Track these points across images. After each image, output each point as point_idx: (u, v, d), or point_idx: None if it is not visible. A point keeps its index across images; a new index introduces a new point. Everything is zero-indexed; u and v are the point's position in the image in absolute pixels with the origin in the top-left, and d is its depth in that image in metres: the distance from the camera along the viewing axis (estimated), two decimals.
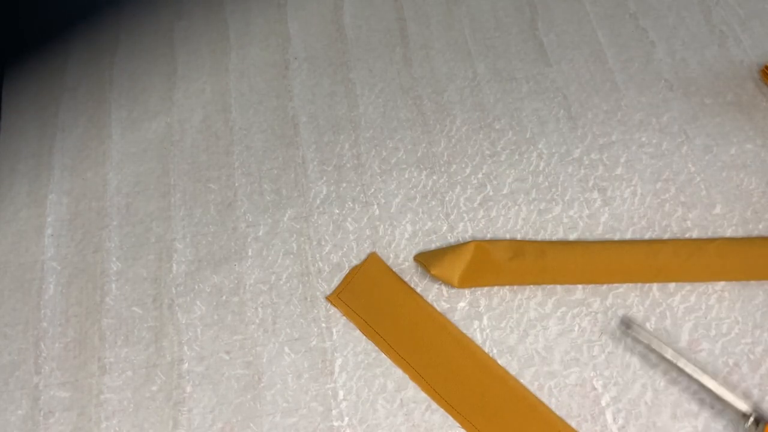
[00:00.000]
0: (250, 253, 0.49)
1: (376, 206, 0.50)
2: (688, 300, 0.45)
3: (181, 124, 0.56)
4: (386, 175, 0.52)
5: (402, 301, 0.46)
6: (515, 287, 0.46)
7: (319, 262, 0.48)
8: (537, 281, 0.46)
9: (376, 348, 0.45)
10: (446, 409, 0.42)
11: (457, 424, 0.41)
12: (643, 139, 0.51)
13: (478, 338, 0.44)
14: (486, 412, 0.41)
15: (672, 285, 0.45)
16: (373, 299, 0.46)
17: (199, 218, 0.51)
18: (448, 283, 0.46)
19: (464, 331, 0.45)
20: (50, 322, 0.47)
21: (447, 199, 0.50)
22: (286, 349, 0.45)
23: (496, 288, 0.46)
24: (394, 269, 0.47)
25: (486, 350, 0.44)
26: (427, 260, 0.46)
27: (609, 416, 0.41)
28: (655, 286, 0.45)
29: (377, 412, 0.43)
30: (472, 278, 0.45)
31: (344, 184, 0.51)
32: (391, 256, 0.48)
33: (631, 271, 0.45)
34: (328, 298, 0.46)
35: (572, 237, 0.48)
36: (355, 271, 0.47)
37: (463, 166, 0.51)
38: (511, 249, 0.46)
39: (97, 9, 0.63)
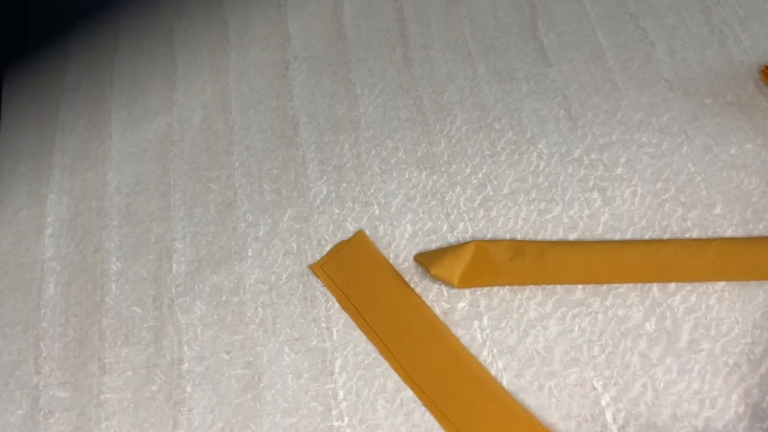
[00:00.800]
0: (250, 253, 0.49)
1: (376, 206, 0.50)
2: (688, 300, 0.45)
3: (181, 124, 0.56)
4: (386, 175, 0.52)
5: (383, 280, 0.46)
6: (515, 287, 0.46)
7: None
8: (537, 281, 0.46)
9: (377, 348, 0.45)
10: (412, 388, 0.43)
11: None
12: (643, 139, 0.51)
13: (478, 338, 0.44)
14: (449, 395, 0.42)
15: (672, 285, 0.45)
16: (355, 274, 0.47)
17: (199, 218, 0.51)
18: (448, 284, 0.46)
19: (464, 331, 0.45)
20: (50, 322, 0.47)
21: (447, 199, 0.50)
22: (286, 349, 0.45)
23: (496, 288, 0.46)
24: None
25: (486, 350, 0.44)
26: (427, 260, 0.46)
27: (609, 416, 0.41)
28: (655, 286, 0.45)
29: (377, 412, 0.43)
30: (472, 278, 0.45)
31: (344, 184, 0.51)
32: (392, 256, 0.48)
33: (631, 270, 0.45)
34: (311, 267, 0.47)
35: (572, 237, 0.48)
36: (341, 245, 0.48)
37: (463, 166, 0.51)
38: (511, 249, 0.46)
39: (97, 9, 0.63)
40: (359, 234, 0.48)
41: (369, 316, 0.45)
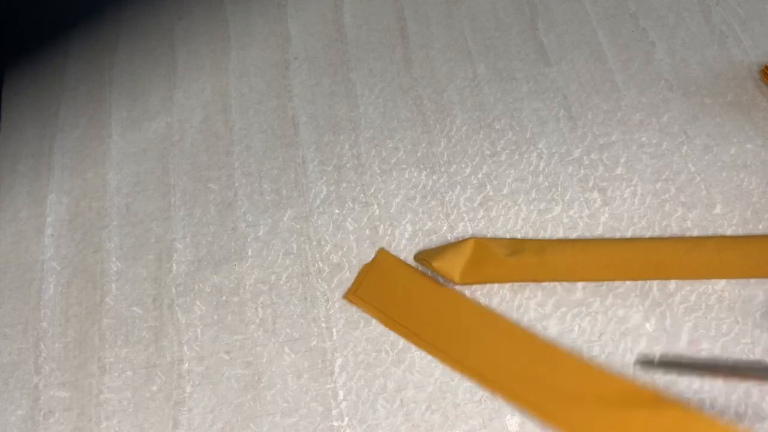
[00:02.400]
0: (250, 253, 0.49)
1: (376, 206, 0.50)
2: (688, 300, 0.45)
3: (181, 124, 0.56)
4: (386, 175, 0.52)
5: (419, 289, 0.46)
6: (515, 287, 0.46)
7: (319, 262, 0.48)
8: (537, 277, 0.46)
9: (376, 348, 0.45)
10: (484, 384, 0.42)
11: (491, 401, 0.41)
12: (643, 139, 0.51)
13: None
14: (514, 373, 0.42)
15: (672, 285, 0.45)
16: (390, 292, 0.46)
17: (199, 218, 0.51)
18: (450, 279, 0.46)
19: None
20: (50, 322, 0.47)
21: (447, 199, 0.50)
22: (286, 349, 0.45)
23: (496, 288, 0.46)
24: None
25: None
26: (428, 255, 0.46)
27: None
28: (655, 286, 0.45)
29: (377, 412, 0.43)
30: (473, 274, 0.45)
31: (344, 184, 0.51)
32: None
33: (630, 266, 0.45)
34: (345, 297, 0.46)
35: (572, 237, 0.48)
36: (367, 269, 0.47)
37: (463, 166, 0.51)
38: (511, 245, 0.46)
39: (97, 9, 0.63)
40: (381, 253, 0.48)
41: (417, 328, 0.44)
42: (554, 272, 0.46)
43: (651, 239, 0.47)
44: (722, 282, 0.45)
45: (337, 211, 0.50)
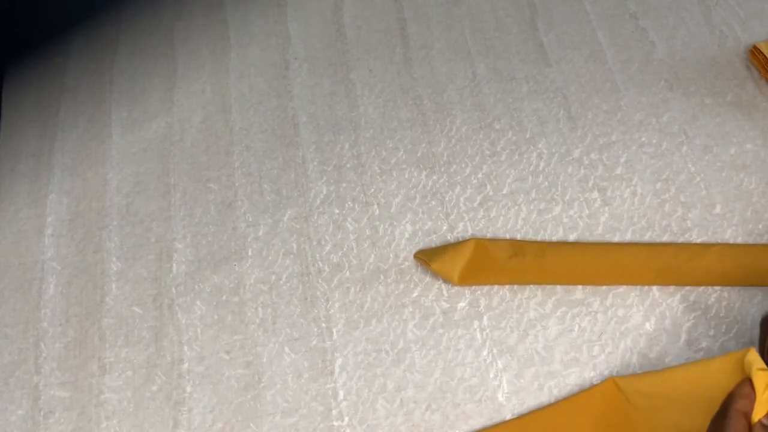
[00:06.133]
0: (250, 253, 0.49)
1: (376, 206, 0.50)
2: (687, 300, 0.45)
3: (181, 124, 0.56)
4: (386, 175, 0.52)
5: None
6: (515, 287, 0.46)
7: (319, 262, 0.48)
8: (536, 281, 0.46)
9: (376, 348, 0.45)
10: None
11: None
12: (643, 139, 0.51)
13: (478, 338, 0.44)
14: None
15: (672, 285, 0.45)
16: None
17: (199, 218, 0.51)
18: (448, 280, 0.46)
19: (464, 331, 0.45)
20: (50, 322, 0.47)
21: (447, 199, 0.50)
22: (286, 349, 0.45)
23: (496, 288, 0.46)
24: (393, 269, 0.47)
25: (486, 350, 0.44)
26: (427, 256, 0.46)
27: None
28: (655, 285, 0.45)
29: (377, 412, 0.43)
30: (472, 276, 0.45)
31: (344, 184, 0.51)
32: (391, 256, 0.48)
33: (630, 272, 0.45)
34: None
35: (572, 237, 0.48)
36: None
37: (463, 166, 0.51)
38: (511, 248, 0.46)
39: (97, 9, 0.63)
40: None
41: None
42: (554, 276, 0.46)
43: (652, 245, 0.46)
44: None
45: (337, 211, 0.50)
